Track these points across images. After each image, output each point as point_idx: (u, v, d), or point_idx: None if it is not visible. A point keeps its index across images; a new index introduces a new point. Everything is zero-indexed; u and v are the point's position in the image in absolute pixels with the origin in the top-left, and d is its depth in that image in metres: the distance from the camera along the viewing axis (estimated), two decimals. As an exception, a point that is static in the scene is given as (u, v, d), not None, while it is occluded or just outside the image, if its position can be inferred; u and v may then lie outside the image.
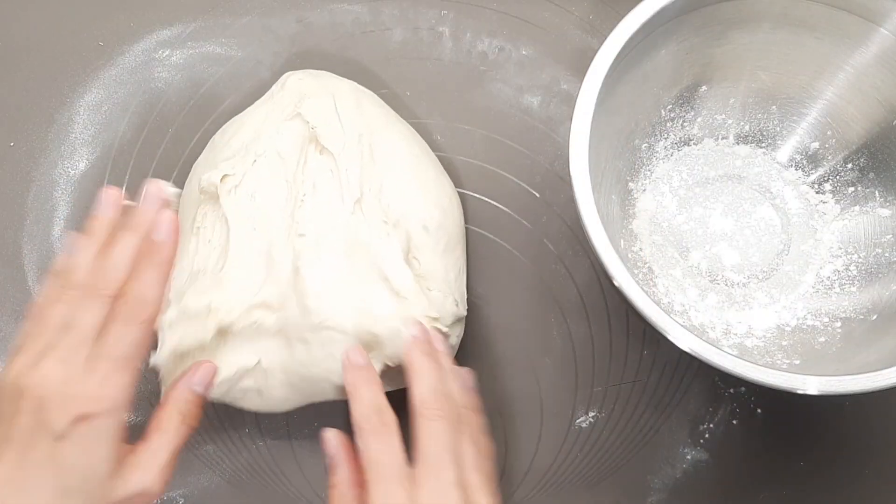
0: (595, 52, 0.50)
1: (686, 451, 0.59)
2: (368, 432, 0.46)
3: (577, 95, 0.50)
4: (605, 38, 0.50)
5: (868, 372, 0.46)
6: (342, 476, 0.47)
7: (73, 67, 0.66)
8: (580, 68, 0.52)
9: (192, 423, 0.48)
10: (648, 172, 0.61)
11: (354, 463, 0.47)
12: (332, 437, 0.49)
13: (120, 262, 0.47)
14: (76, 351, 0.44)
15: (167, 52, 0.66)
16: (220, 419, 0.60)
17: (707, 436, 0.59)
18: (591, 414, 0.59)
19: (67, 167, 0.64)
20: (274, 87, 0.60)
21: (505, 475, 0.58)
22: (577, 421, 0.59)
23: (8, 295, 0.62)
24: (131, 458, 0.45)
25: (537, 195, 0.63)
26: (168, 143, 0.63)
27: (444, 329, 0.54)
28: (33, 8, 0.66)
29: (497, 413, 0.59)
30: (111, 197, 0.49)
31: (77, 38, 0.66)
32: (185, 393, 0.49)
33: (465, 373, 0.52)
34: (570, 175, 0.49)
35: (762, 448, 0.59)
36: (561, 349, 0.60)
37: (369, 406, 0.47)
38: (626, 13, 0.50)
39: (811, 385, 0.46)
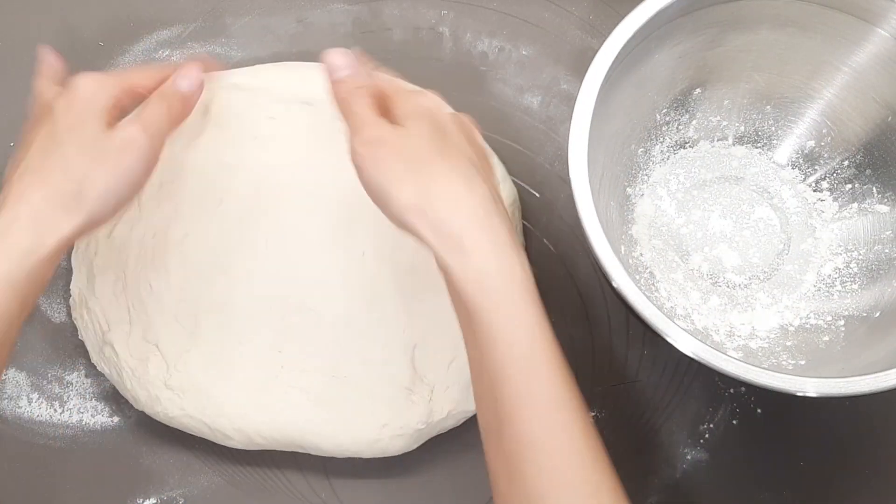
0: (595, 52, 0.50)
1: (686, 451, 0.59)
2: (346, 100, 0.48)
3: (576, 99, 0.50)
4: (605, 39, 0.50)
5: (873, 373, 0.46)
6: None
7: (73, 67, 0.65)
8: (580, 68, 0.52)
9: (178, 118, 0.51)
10: (646, 177, 0.61)
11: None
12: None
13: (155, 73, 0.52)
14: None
15: (167, 52, 0.66)
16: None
17: (707, 436, 0.59)
18: (591, 414, 0.59)
19: (67, 167, 0.64)
20: None
21: (505, 475, 0.58)
22: (577, 421, 0.59)
23: (8, 295, 0.62)
24: (122, 121, 0.49)
25: (537, 195, 0.63)
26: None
27: None
28: (33, 8, 0.66)
29: (497, 413, 0.59)
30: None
31: (77, 38, 0.66)
32: (172, 88, 0.51)
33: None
34: (570, 179, 0.49)
35: (762, 448, 0.59)
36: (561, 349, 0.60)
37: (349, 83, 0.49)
38: (626, 13, 0.50)
39: (810, 387, 0.46)
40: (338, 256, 0.57)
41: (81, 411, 0.60)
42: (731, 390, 0.59)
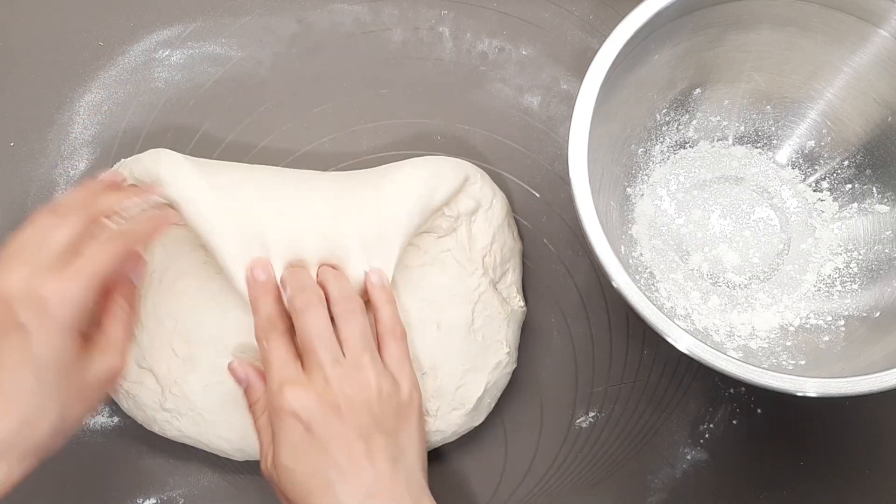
0: (595, 52, 0.50)
1: (686, 451, 0.59)
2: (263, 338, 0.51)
3: (576, 99, 0.50)
4: (605, 39, 0.50)
5: (873, 373, 0.46)
6: (261, 391, 0.52)
7: (73, 67, 0.65)
8: (580, 68, 0.52)
9: (133, 306, 0.52)
10: (645, 177, 0.61)
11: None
12: (237, 365, 0.53)
13: (113, 199, 0.50)
14: (43, 258, 0.46)
15: (167, 52, 0.66)
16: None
17: (707, 436, 0.59)
18: (591, 414, 0.59)
19: (67, 167, 0.64)
20: None
21: (505, 475, 0.58)
22: (577, 421, 0.59)
23: (8, 295, 0.62)
24: (92, 346, 0.49)
25: (537, 195, 0.63)
26: (168, 143, 0.63)
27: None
28: (33, 8, 0.66)
29: (497, 413, 0.59)
30: (113, 175, 0.54)
31: (77, 38, 0.66)
32: (126, 281, 0.52)
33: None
34: (570, 179, 0.49)
35: (762, 448, 0.59)
36: (561, 349, 0.60)
37: (266, 318, 0.51)
38: (626, 14, 0.50)
39: (810, 387, 0.46)
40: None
41: (81, 411, 0.60)
42: (731, 390, 0.59)
